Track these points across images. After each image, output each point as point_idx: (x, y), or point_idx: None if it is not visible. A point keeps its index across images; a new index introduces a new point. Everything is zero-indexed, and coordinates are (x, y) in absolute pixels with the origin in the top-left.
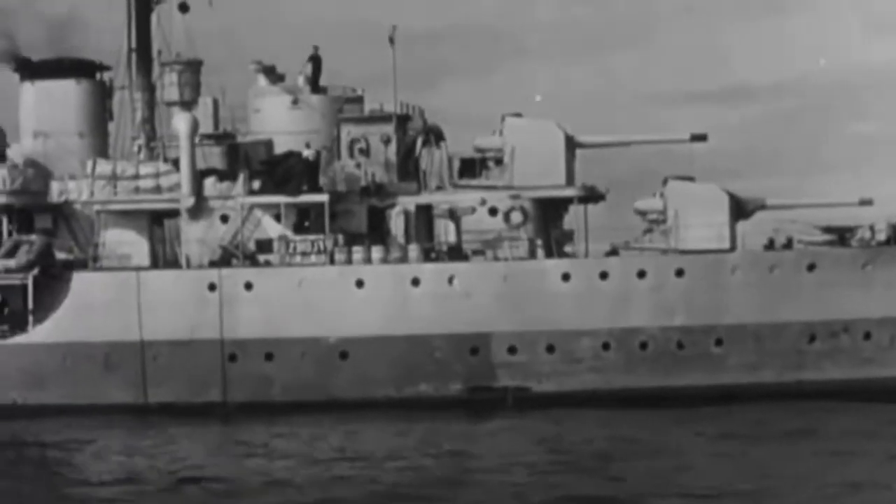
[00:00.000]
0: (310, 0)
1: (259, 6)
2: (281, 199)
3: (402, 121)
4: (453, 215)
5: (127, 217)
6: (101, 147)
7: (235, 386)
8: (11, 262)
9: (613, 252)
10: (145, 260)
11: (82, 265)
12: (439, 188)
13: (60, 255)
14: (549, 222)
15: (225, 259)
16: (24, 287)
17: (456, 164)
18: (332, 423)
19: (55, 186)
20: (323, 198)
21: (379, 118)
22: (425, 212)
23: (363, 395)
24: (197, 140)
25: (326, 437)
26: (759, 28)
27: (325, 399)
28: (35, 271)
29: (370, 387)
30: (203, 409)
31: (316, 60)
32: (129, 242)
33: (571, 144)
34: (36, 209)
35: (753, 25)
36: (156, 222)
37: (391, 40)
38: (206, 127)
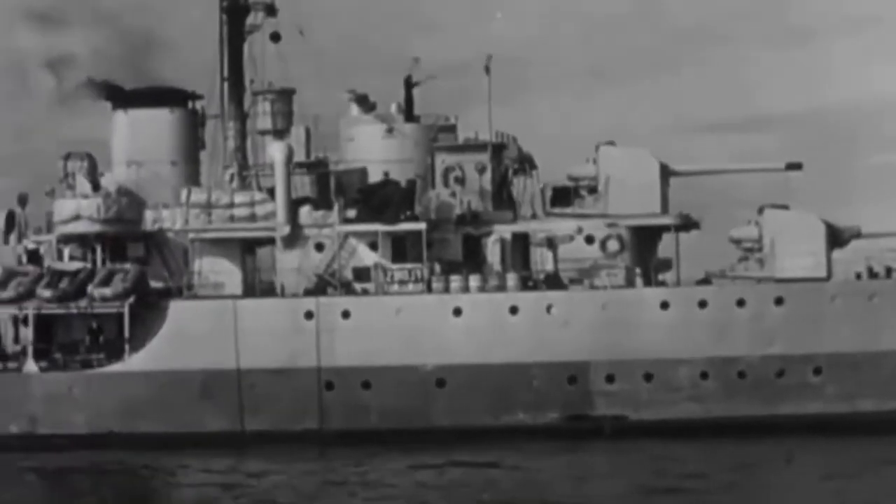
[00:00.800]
0: (398, 30)
1: (349, 36)
2: (378, 227)
3: (498, 149)
4: (551, 243)
5: (220, 245)
6: (193, 176)
7: (332, 414)
8: (107, 291)
9: (706, 280)
10: (238, 288)
11: (176, 293)
12: (534, 216)
13: (154, 284)
14: (644, 250)
15: (320, 287)
16: (120, 315)
17: (548, 193)
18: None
19: (149, 215)
20: (420, 226)
21: (474, 147)
22: (521, 240)
23: (460, 423)
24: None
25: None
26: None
27: (422, 427)
28: (131, 300)
29: (467, 415)
30: (299, 437)
31: (409, 87)
32: (221, 271)
33: (666, 173)
34: (129, 237)
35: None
36: (248, 251)
37: (487, 69)
38: (299, 155)
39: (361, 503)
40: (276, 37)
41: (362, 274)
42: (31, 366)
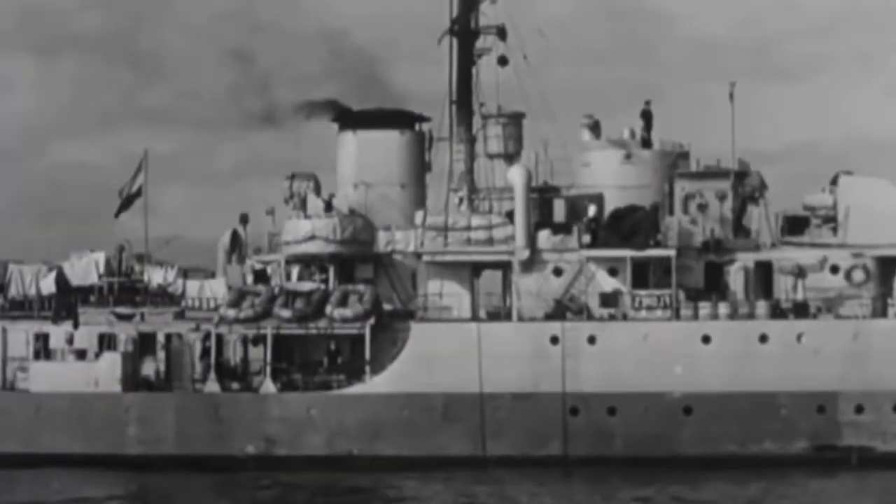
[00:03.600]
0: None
1: (571, 64)
2: (627, 252)
3: (739, 177)
4: (801, 273)
5: (450, 268)
6: (419, 198)
7: (576, 440)
8: (348, 312)
9: None
10: (466, 311)
11: (405, 316)
12: (773, 245)
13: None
14: (887, 280)
15: (558, 312)
16: (353, 337)
17: (780, 222)
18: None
19: (382, 236)
20: (670, 252)
21: (716, 174)
22: (763, 268)
23: (707, 451)
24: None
25: None
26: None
27: (668, 455)
28: (371, 321)
29: (714, 443)
30: (542, 462)
31: (647, 115)
32: (452, 294)
33: None
34: (358, 259)
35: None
36: (475, 274)
37: (731, 96)
38: None
39: None
40: (503, 61)
41: (609, 299)
42: (269, 386)
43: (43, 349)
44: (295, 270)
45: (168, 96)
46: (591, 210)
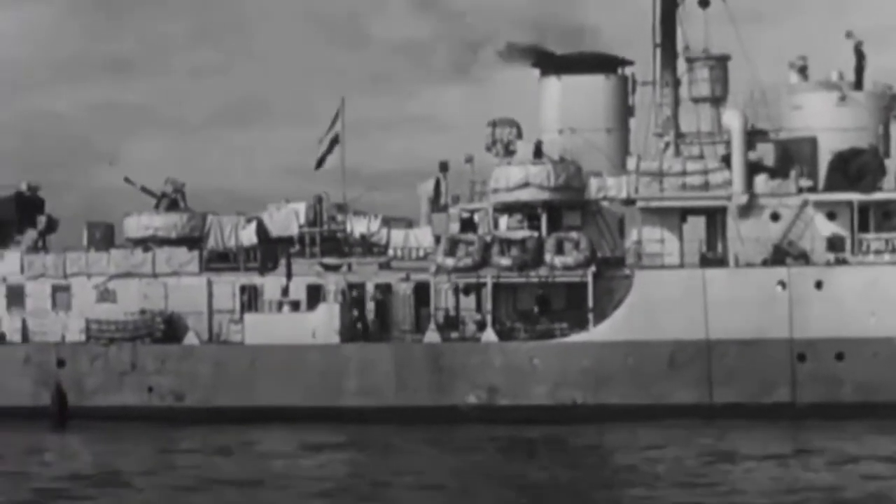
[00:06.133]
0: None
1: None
2: (854, 196)
3: None
4: None
5: (661, 215)
6: (623, 143)
7: (804, 387)
8: (570, 260)
9: None
10: (675, 258)
11: (614, 263)
12: None
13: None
14: None
15: (778, 258)
16: (574, 285)
17: None
18: None
19: (593, 183)
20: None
21: None
22: None
23: None
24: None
25: None
26: None
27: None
28: (593, 268)
29: None
30: (770, 410)
31: (860, 55)
32: (661, 240)
33: None
34: (567, 206)
35: None
36: (682, 220)
37: None
38: None
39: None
40: (704, 3)
41: (836, 243)
42: (490, 335)
43: (251, 301)
44: (503, 218)
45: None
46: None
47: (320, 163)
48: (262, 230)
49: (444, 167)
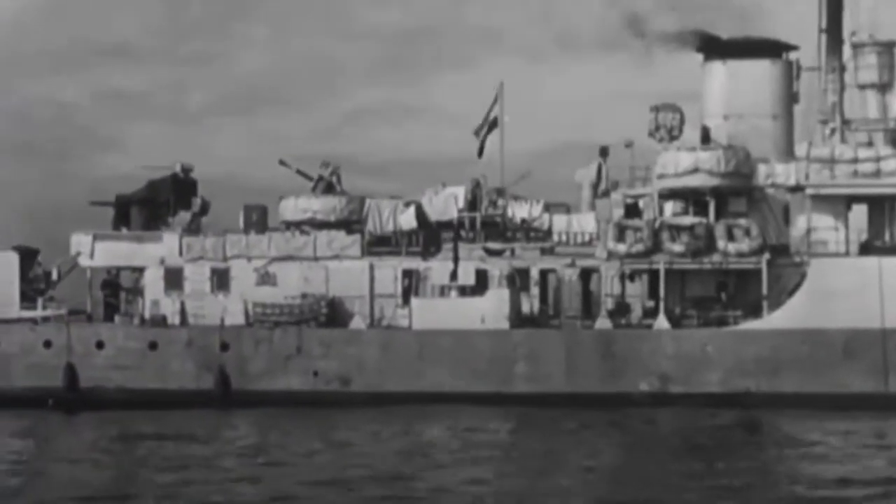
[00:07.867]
0: None
1: None
2: None
3: None
4: None
5: (827, 202)
6: (788, 130)
7: None
8: (744, 247)
9: None
10: (842, 246)
11: (780, 251)
12: None
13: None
14: None
15: None
16: (741, 272)
17: None
18: None
19: (762, 169)
20: None
21: None
22: None
23: None
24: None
25: None
26: None
27: None
28: (767, 255)
29: None
30: None
31: None
32: (827, 228)
33: None
34: (733, 192)
35: None
36: (847, 208)
37: None
38: None
39: None
40: None
41: None
42: (662, 322)
43: (412, 285)
44: (668, 204)
45: None
46: None
47: (481, 150)
48: (420, 214)
49: (604, 152)
